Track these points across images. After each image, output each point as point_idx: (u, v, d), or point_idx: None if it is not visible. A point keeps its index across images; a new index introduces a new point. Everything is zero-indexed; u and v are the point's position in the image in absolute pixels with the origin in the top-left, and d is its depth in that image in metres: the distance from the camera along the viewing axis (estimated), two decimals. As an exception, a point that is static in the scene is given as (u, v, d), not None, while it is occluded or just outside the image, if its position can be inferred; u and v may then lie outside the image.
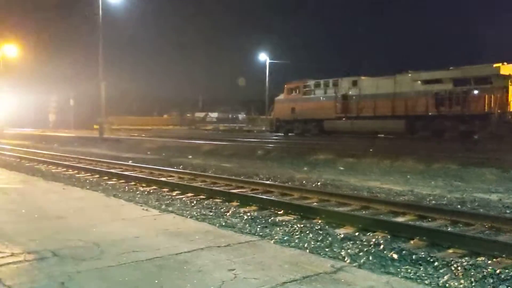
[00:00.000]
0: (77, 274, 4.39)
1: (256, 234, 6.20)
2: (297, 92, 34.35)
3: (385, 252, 5.34)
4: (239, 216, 7.47)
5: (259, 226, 6.71)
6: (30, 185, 10.64)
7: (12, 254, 5.05)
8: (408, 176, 12.41)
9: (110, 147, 24.80)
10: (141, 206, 8.09)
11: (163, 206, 8.17)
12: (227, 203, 8.64)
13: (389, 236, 6.13)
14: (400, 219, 7.24)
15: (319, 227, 6.67)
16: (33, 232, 6.08)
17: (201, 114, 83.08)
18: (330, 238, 6.02)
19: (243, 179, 11.47)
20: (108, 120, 46.51)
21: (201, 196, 9.34)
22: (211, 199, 9.01)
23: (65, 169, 14.55)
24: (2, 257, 4.94)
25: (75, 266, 4.64)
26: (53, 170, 14.37)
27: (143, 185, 10.99)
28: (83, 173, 13.46)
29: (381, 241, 5.75)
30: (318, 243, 5.78)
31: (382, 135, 30.03)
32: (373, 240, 5.85)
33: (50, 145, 27.99)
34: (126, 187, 10.76)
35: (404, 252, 5.33)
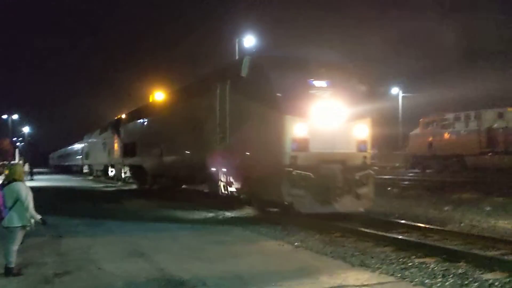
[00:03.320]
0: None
1: (394, 275, 6.05)
2: (435, 126, 32.60)
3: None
4: (375, 256, 7.34)
5: (396, 267, 6.53)
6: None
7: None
8: None
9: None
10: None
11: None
12: (360, 243, 8.53)
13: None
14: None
15: (463, 271, 6.27)
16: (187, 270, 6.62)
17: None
18: (476, 284, 5.63)
19: (378, 217, 11.20)
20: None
21: (336, 235, 9.35)
22: (343, 238, 8.98)
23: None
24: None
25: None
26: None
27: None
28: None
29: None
30: (462, 287, 5.45)
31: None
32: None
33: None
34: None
35: None
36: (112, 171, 30.46)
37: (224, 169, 12.54)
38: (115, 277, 6.01)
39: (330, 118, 10.33)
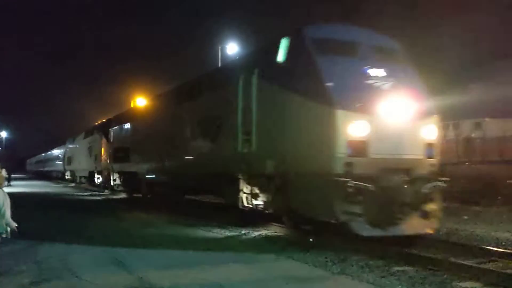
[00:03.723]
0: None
1: (374, 283, 6.10)
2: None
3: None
4: (355, 264, 7.37)
5: (376, 276, 6.58)
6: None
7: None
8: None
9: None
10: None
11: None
12: (340, 251, 8.51)
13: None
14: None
15: (441, 279, 6.35)
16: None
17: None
18: (454, 292, 5.71)
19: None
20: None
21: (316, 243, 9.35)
22: (324, 246, 8.99)
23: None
24: None
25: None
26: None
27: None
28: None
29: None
30: (440, 296, 5.52)
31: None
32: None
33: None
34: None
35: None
36: (98, 178, 27.47)
37: (248, 178, 10.41)
38: (93, 285, 5.92)
39: (393, 115, 8.24)
